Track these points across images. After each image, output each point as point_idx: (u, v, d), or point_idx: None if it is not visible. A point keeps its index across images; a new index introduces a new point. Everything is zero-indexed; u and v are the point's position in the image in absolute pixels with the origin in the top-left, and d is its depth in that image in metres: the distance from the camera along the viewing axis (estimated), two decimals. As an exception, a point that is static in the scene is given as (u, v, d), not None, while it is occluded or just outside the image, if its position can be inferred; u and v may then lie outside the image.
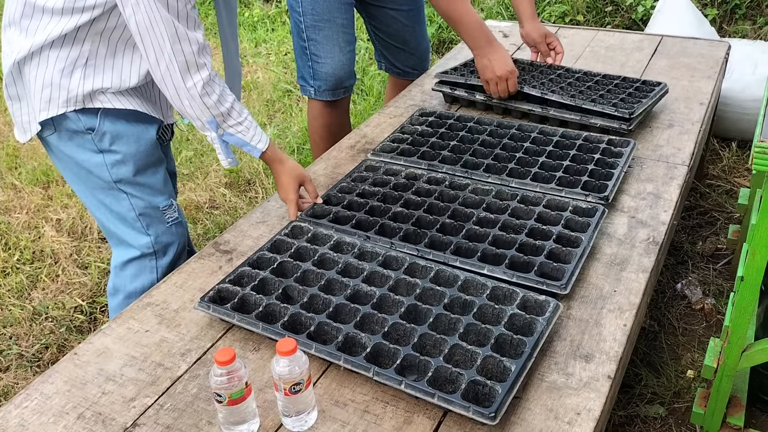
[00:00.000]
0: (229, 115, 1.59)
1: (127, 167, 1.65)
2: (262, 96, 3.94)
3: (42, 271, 2.66)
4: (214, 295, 1.46)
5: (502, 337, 1.31)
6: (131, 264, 1.75)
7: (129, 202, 1.68)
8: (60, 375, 1.35)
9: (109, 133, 1.62)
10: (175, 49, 1.47)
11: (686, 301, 2.34)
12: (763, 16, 3.60)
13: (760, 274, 1.48)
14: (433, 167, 1.92)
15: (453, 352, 1.28)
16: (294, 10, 2.39)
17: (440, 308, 1.38)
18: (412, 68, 2.70)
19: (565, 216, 1.66)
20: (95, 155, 1.63)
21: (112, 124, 1.62)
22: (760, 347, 1.60)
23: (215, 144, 1.63)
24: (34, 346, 2.32)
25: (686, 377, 2.04)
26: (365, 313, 1.38)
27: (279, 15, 4.92)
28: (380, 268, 1.51)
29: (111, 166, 1.64)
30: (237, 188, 3.14)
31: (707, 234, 2.64)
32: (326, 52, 2.39)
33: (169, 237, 1.76)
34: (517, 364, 1.23)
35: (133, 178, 1.67)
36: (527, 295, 1.41)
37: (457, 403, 1.17)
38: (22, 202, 3.09)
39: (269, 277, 1.50)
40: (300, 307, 1.40)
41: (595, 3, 3.94)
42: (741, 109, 2.96)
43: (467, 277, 1.46)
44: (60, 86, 1.55)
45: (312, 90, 2.47)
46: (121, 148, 1.63)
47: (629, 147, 1.93)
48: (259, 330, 1.37)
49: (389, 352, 1.29)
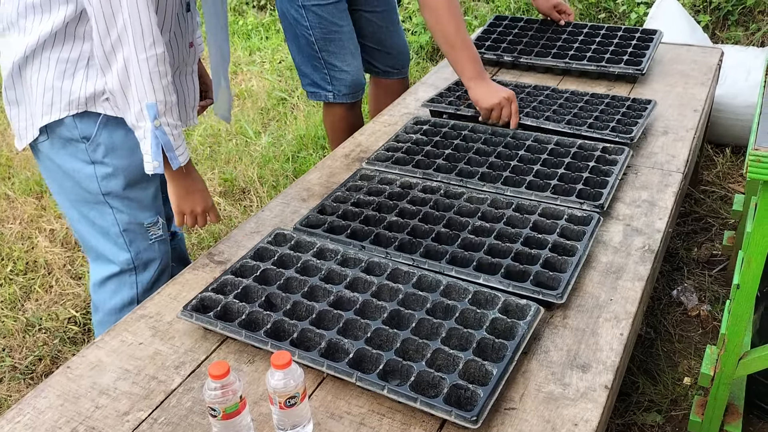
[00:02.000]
0: (171, 112, 1.49)
1: (118, 181, 1.63)
2: (256, 104, 3.94)
3: (35, 282, 2.64)
4: (197, 304, 1.45)
5: (483, 341, 1.31)
6: (110, 280, 1.73)
7: (113, 216, 1.66)
8: (53, 389, 1.33)
9: (104, 144, 1.59)
10: (132, 17, 1.39)
11: (682, 308, 2.34)
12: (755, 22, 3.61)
13: (755, 281, 1.48)
14: (428, 176, 1.91)
15: (435, 357, 1.28)
16: (300, 24, 2.47)
17: (423, 313, 1.38)
18: (391, 67, 2.77)
19: (560, 224, 1.66)
20: (86, 166, 1.61)
21: (110, 134, 1.59)
22: (757, 355, 1.60)
23: (145, 139, 1.49)
24: (28, 357, 2.30)
25: (683, 385, 2.04)
26: (348, 319, 1.37)
27: (273, 23, 4.93)
28: (363, 274, 1.50)
29: (101, 178, 1.62)
30: (231, 197, 3.13)
31: (702, 240, 2.65)
32: (341, 61, 2.52)
33: (151, 254, 1.74)
34: (498, 368, 1.24)
35: (122, 192, 1.65)
36: (509, 299, 1.41)
37: (439, 407, 1.17)
38: (15, 212, 3.08)
39: (252, 285, 1.49)
40: (283, 314, 1.40)
41: (589, 10, 3.95)
42: (734, 116, 2.97)
43: (449, 281, 1.47)
44: (62, 89, 1.53)
45: (330, 95, 2.59)
46: (113, 161, 1.61)
47: (624, 154, 1.93)
48: (242, 338, 1.36)
49: (372, 357, 1.29)
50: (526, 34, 2.74)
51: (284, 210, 1.87)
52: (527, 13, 4.09)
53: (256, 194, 3.11)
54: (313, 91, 2.62)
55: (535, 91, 2.35)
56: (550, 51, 2.58)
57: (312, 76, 2.58)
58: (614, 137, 2.00)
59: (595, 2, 3.93)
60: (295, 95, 3.98)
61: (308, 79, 2.59)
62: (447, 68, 2.73)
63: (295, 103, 3.90)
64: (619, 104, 2.22)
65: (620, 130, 2.04)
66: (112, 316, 1.75)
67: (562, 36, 2.68)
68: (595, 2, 3.93)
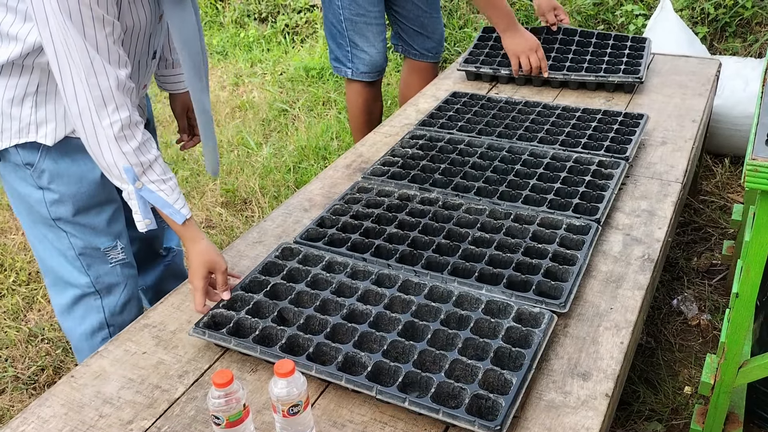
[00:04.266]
0: (151, 169, 1.44)
1: (66, 207, 1.58)
2: (258, 116, 3.96)
3: (38, 293, 2.65)
4: (208, 321, 1.45)
5: (500, 350, 1.32)
6: (76, 306, 1.70)
7: (68, 240, 1.62)
8: (57, 398, 1.34)
9: (48, 171, 1.54)
10: (90, 82, 1.34)
11: (682, 317, 2.35)
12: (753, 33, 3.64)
13: (754, 290, 1.49)
14: (424, 190, 1.92)
15: (453, 367, 1.29)
16: (333, 2, 2.69)
17: (437, 324, 1.39)
18: (428, 51, 2.93)
19: (559, 234, 1.67)
20: (35, 191, 1.56)
21: (54, 162, 1.54)
22: (757, 363, 1.61)
23: (131, 201, 1.46)
24: (30, 368, 2.31)
25: (684, 394, 2.05)
26: (363, 331, 1.38)
27: (274, 35, 4.96)
28: (374, 287, 1.51)
29: (50, 204, 1.57)
30: (233, 207, 3.15)
31: (702, 250, 2.66)
32: (363, 42, 2.74)
33: (113, 278, 1.69)
34: (518, 377, 1.25)
35: (72, 218, 1.60)
36: (522, 307, 1.43)
37: (462, 417, 1.18)
38: (18, 223, 3.09)
39: (263, 300, 1.50)
40: (297, 329, 1.40)
41: (587, 22, 3.98)
42: (733, 126, 2.99)
43: (461, 291, 1.48)
44: (11, 116, 1.48)
45: (349, 71, 2.83)
46: (59, 188, 1.56)
47: (620, 168, 1.94)
48: (257, 354, 1.36)
49: (390, 370, 1.29)
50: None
51: (286, 220, 1.89)
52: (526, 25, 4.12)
53: (258, 205, 3.13)
54: (335, 65, 2.87)
55: (527, 108, 2.36)
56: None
57: (336, 51, 2.81)
58: (610, 158, 2.01)
59: (594, 14, 3.97)
60: (296, 107, 4.01)
61: (333, 54, 2.84)
62: (447, 80, 2.75)
63: (296, 115, 3.93)
64: (611, 120, 2.23)
65: (615, 149, 2.05)
66: (84, 343, 1.72)
67: (555, 46, 2.70)
68: (594, 14, 3.97)
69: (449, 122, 2.30)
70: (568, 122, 2.24)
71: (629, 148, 2.03)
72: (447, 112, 2.37)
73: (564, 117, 2.28)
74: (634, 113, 2.25)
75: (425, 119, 2.33)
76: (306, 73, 4.36)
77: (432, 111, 2.38)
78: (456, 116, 2.34)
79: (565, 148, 2.08)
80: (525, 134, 2.17)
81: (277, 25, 5.02)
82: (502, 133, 2.19)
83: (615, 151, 2.05)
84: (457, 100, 2.45)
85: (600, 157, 2.01)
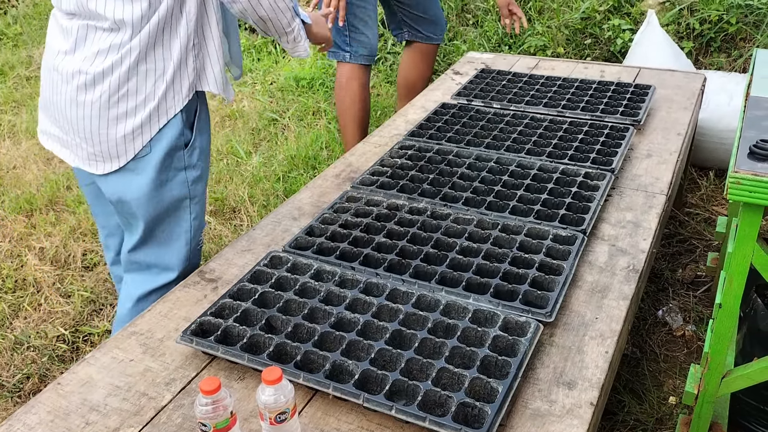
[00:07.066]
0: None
1: (202, 183, 1.70)
2: (247, 125, 3.97)
3: (24, 300, 2.64)
4: (196, 329, 1.46)
5: (487, 358, 1.33)
6: (157, 291, 1.73)
7: (190, 222, 1.70)
8: (43, 405, 1.34)
9: (199, 147, 1.66)
10: None
11: (667, 328, 2.37)
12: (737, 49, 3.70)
13: (737, 301, 1.52)
14: (413, 200, 1.94)
15: (440, 376, 1.30)
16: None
17: (424, 332, 1.40)
18: (433, 33, 3.15)
19: (546, 244, 1.69)
20: (180, 173, 1.64)
21: (201, 136, 1.66)
22: (740, 373, 1.62)
23: (299, 33, 1.72)
24: (16, 376, 2.29)
25: (668, 404, 2.06)
26: (351, 340, 1.39)
27: (265, 45, 4.98)
28: (362, 295, 1.52)
29: (191, 182, 1.67)
30: (222, 216, 3.15)
31: (687, 261, 2.69)
32: (364, 25, 2.91)
33: (196, 260, 1.78)
34: (504, 385, 1.26)
35: (201, 195, 1.71)
36: (508, 316, 1.44)
37: (448, 425, 1.18)
38: (5, 230, 3.08)
39: (251, 308, 1.50)
40: (285, 337, 1.41)
41: (575, 36, 4.03)
42: (718, 139, 3.03)
43: (448, 300, 1.49)
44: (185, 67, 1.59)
45: (348, 55, 2.97)
46: (203, 163, 1.68)
47: (605, 180, 1.97)
48: (245, 362, 1.37)
49: (377, 378, 1.30)
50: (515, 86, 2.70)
51: (275, 228, 1.89)
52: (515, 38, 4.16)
53: (247, 214, 3.13)
54: (333, 50, 2.98)
55: (515, 120, 2.38)
56: (541, 100, 2.53)
57: (334, 37, 2.90)
58: (596, 170, 2.03)
59: (581, 28, 4.01)
60: (285, 116, 4.02)
61: None
62: (436, 91, 2.78)
63: (286, 124, 3.94)
64: (598, 132, 2.25)
65: (601, 161, 2.08)
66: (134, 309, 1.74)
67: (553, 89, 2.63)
68: (581, 28, 4.01)
69: (438, 133, 2.32)
70: (555, 134, 2.26)
71: (615, 160, 2.06)
72: (436, 123, 2.39)
73: (551, 129, 2.31)
74: (620, 126, 2.28)
75: (414, 130, 2.35)
76: (296, 83, 4.38)
77: (421, 122, 2.40)
78: (445, 127, 2.36)
79: (552, 160, 2.11)
80: (513, 145, 2.20)
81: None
82: (491, 144, 2.22)
83: (601, 163, 2.08)
84: (446, 111, 2.48)
85: (586, 168, 2.04)
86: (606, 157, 2.11)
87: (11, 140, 3.93)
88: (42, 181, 3.44)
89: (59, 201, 3.29)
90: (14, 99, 4.50)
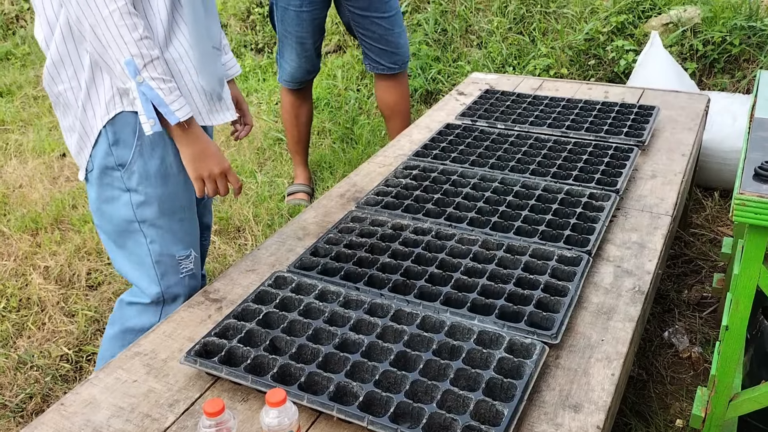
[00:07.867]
0: (153, 66, 1.44)
1: (152, 208, 1.64)
2: (252, 144, 3.99)
3: (28, 319, 2.63)
4: (200, 349, 1.45)
5: (492, 381, 1.32)
6: (137, 305, 1.75)
7: (147, 247, 1.67)
8: (46, 426, 1.33)
9: (138, 172, 1.60)
10: None
11: (673, 350, 2.36)
12: (740, 70, 3.71)
13: (744, 323, 1.51)
14: (417, 220, 1.94)
15: (445, 398, 1.29)
16: (273, 14, 3.03)
17: (429, 354, 1.39)
18: (394, 63, 3.12)
19: (551, 265, 1.69)
20: (123, 194, 1.63)
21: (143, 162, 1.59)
22: (747, 396, 1.61)
23: (135, 99, 1.46)
24: (18, 395, 2.29)
25: (675, 427, 2.04)
26: (355, 361, 1.38)
27: (270, 65, 5.01)
28: (367, 316, 1.52)
29: (136, 206, 1.63)
30: (227, 235, 3.15)
31: (692, 282, 2.67)
32: (287, 55, 3.09)
33: (180, 288, 1.75)
34: (509, 408, 1.25)
35: (156, 221, 1.65)
36: (514, 338, 1.43)
37: None
38: (10, 249, 3.08)
39: (255, 329, 1.50)
40: (289, 358, 1.40)
41: (579, 57, 4.05)
42: (722, 160, 3.03)
43: (453, 321, 1.48)
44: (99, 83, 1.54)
45: (278, 75, 3.22)
46: (147, 189, 1.62)
47: (610, 201, 1.96)
48: (248, 383, 1.36)
49: (382, 400, 1.29)
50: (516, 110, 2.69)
51: (280, 248, 1.90)
52: (519, 59, 4.18)
53: (251, 233, 3.13)
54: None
55: (519, 140, 2.39)
56: (545, 121, 2.54)
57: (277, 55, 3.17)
58: (601, 191, 2.03)
59: (585, 49, 4.03)
60: (290, 136, 4.03)
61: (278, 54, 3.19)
62: (441, 111, 2.79)
63: (291, 144, 3.95)
64: (602, 153, 2.26)
65: (605, 182, 2.08)
66: (126, 335, 1.75)
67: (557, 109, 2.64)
68: (585, 49, 4.03)
69: (442, 153, 2.33)
70: (560, 155, 2.27)
71: (620, 181, 2.06)
72: (440, 143, 2.40)
73: (555, 149, 2.31)
74: (624, 146, 2.29)
75: (419, 150, 2.36)
76: (301, 103, 4.40)
77: (425, 142, 2.41)
78: (449, 147, 2.37)
79: (556, 180, 2.11)
80: (517, 166, 2.20)
81: (273, 55, 5.07)
82: (495, 165, 2.22)
83: (606, 183, 2.08)
84: (451, 132, 2.49)
85: (591, 189, 2.04)
86: (610, 177, 2.11)
87: (18, 159, 3.96)
88: (48, 200, 3.45)
89: (65, 220, 3.30)
90: (21, 118, 4.54)
